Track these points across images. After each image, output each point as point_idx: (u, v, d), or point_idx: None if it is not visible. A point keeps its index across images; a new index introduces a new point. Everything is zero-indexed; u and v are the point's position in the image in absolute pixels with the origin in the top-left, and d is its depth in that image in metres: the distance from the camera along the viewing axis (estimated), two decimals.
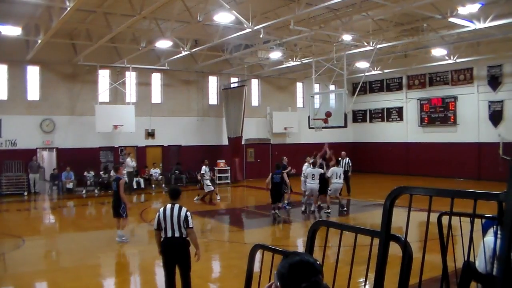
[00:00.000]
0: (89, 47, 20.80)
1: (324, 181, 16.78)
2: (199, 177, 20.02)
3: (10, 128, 22.81)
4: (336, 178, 16.67)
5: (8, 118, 22.75)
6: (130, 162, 23.96)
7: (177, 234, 7.27)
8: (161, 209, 7.39)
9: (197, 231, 14.85)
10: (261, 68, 29.06)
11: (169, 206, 7.39)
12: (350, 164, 21.11)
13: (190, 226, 7.34)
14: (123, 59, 23.65)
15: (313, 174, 16.51)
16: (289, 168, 17.44)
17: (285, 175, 16.59)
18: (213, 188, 19.73)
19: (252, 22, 16.67)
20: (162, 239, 7.34)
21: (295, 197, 18.90)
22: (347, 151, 22.72)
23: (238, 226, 16.37)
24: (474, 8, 15.37)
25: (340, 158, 20.44)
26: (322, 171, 16.97)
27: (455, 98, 27.69)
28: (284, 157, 18.66)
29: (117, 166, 14.08)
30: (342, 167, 19.85)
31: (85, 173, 23.92)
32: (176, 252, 7.34)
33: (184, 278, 7.42)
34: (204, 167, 19.61)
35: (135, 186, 24.37)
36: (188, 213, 7.39)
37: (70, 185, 23.48)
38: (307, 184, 16.70)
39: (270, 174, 16.72)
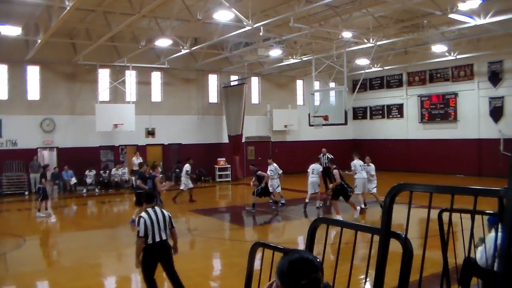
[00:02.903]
0: (89, 46, 20.81)
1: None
2: (184, 175, 19.74)
3: (10, 128, 22.83)
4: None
5: (8, 118, 22.76)
6: (136, 160, 24.09)
7: (164, 237, 7.36)
8: (145, 215, 7.28)
9: (199, 229, 14.91)
10: (261, 66, 29.04)
11: (151, 211, 7.38)
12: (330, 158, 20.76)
13: (174, 226, 7.60)
14: (123, 58, 23.65)
15: (312, 169, 17.35)
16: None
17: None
18: (192, 186, 19.72)
19: (251, 20, 16.65)
20: (147, 244, 7.25)
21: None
22: (347, 148, 22.66)
23: (239, 224, 16.38)
24: (474, 4, 15.33)
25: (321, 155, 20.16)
26: (320, 167, 17.88)
27: (456, 94, 27.66)
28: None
29: (155, 164, 14.58)
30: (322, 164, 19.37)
31: (86, 172, 23.95)
32: (165, 254, 7.43)
33: (173, 275, 7.52)
34: (187, 165, 19.58)
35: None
36: (170, 214, 7.60)
37: (73, 181, 23.53)
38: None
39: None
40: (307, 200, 17.47)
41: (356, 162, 16.67)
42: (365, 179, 16.52)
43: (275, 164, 18.17)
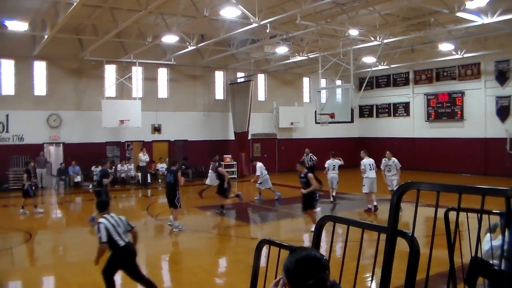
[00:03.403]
0: (95, 42, 20.84)
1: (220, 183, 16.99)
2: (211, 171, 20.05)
3: (17, 123, 22.93)
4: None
5: (15, 113, 22.86)
6: (143, 157, 24.26)
7: (128, 239, 7.35)
8: (104, 220, 7.23)
9: (204, 226, 14.92)
10: (267, 63, 29.01)
11: (109, 216, 7.34)
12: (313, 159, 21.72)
13: (133, 227, 7.59)
14: (129, 54, 23.67)
15: (333, 165, 18.25)
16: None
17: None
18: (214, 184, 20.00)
19: (258, 17, 16.62)
20: (119, 248, 7.18)
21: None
22: (353, 146, 22.63)
23: (244, 221, 16.38)
24: (482, 2, 15.23)
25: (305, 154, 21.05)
26: (340, 162, 18.66)
27: (462, 93, 27.55)
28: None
29: (175, 160, 15.06)
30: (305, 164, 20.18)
31: (93, 168, 24.00)
32: (134, 257, 7.38)
33: (142, 276, 7.49)
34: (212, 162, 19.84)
35: (149, 180, 24.70)
36: (124, 217, 7.60)
37: (78, 179, 23.64)
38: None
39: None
40: (333, 194, 18.46)
41: (366, 161, 16.26)
42: (373, 179, 16.06)
43: (260, 163, 19.37)
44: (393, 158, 16.51)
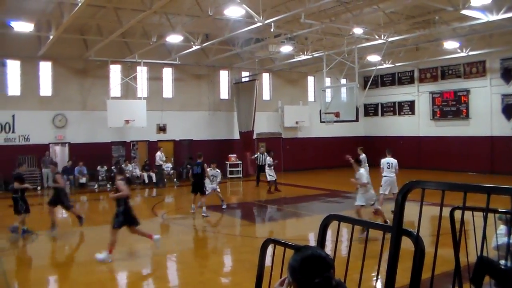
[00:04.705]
0: (100, 42, 20.90)
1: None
2: (267, 167, 20.87)
3: (23, 124, 23.02)
4: None
5: (21, 114, 22.94)
6: (161, 156, 24.48)
7: None
8: None
9: (210, 225, 14.93)
10: (272, 62, 29.00)
11: None
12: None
13: None
14: (134, 54, 23.72)
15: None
16: None
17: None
18: (275, 178, 20.69)
19: (262, 16, 16.62)
20: None
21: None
22: (358, 145, 22.48)
23: (250, 220, 16.39)
24: None
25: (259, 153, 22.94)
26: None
27: (468, 91, 27.45)
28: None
29: (200, 153, 16.43)
30: (259, 162, 22.84)
31: (98, 168, 24.08)
32: None
33: None
34: (269, 157, 20.93)
35: (146, 180, 24.89)
36: None
37: (83, 180, 23.70)
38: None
39: None
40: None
41: (383, 160, 15.37)
42: (390, 178, 14.87)
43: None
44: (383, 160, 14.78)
